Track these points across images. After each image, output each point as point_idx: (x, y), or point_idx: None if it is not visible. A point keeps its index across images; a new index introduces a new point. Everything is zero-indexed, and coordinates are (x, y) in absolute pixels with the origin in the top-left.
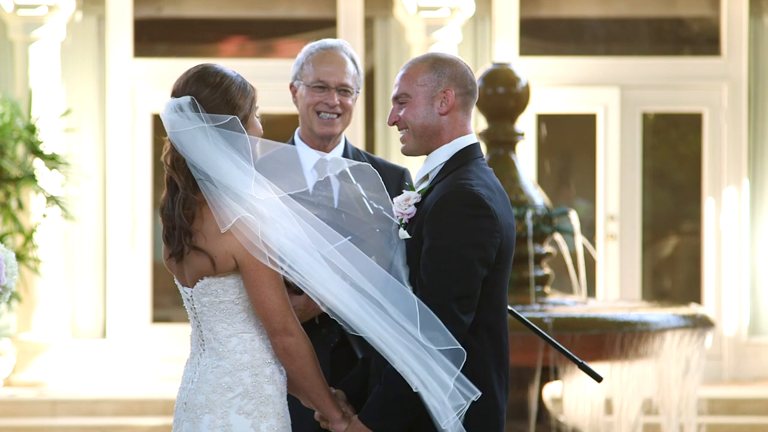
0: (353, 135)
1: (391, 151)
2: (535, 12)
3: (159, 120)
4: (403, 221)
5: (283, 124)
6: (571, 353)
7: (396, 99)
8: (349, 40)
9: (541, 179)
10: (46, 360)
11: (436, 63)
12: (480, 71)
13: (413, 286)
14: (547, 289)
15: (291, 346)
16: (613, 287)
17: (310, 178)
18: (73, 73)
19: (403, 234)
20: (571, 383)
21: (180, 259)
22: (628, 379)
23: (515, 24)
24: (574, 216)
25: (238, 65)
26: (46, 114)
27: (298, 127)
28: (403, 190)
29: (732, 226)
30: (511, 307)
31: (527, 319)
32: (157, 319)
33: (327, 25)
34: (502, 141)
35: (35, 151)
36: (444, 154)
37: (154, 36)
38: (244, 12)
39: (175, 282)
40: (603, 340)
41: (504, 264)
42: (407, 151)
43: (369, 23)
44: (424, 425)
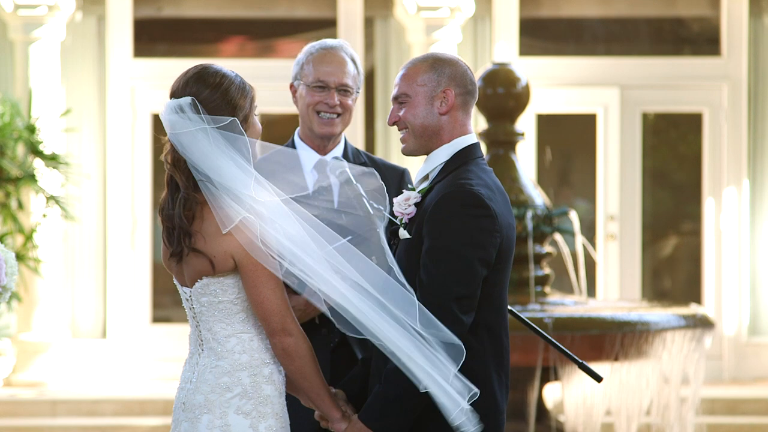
0: (353, 135)
1: (391, 151)
2: (535, 12)
3: (159, 120)
4: (403, 221)
5: (283, 124)
6: (571, 353)
7: (396, 99)
8: (349, 40)
9: (541, 179)
10: (46, 360)
11: (435, 63)
12: (480, 71)
13: (413, 287)
14: (547, 289)
15: (290, 346)
16: (613, 287)
17: (310, 178)
18: (73, 73)
19: (403, 234)
20: (571, 383)
21: (179, 260)
22: (628, 379)
23: (515, 24)
24: (574, 216)
25: (238, 65)
26: (46, 114)
27: (298, 127)
28: (404, 190)
29: (732, 226)
30: (511, 307)
31: (527, 319)
32: (157, 319)
33: (327, 25)
34: (502, 141)
35: (35, 151)
36: (444, 154)
37: (154, 36)
38: (244, 12)
39: (174, 282)
40: (603, 340)
41: (504, 264)
42: (407, 151)
43: (369, 23)
44: (424, 425)
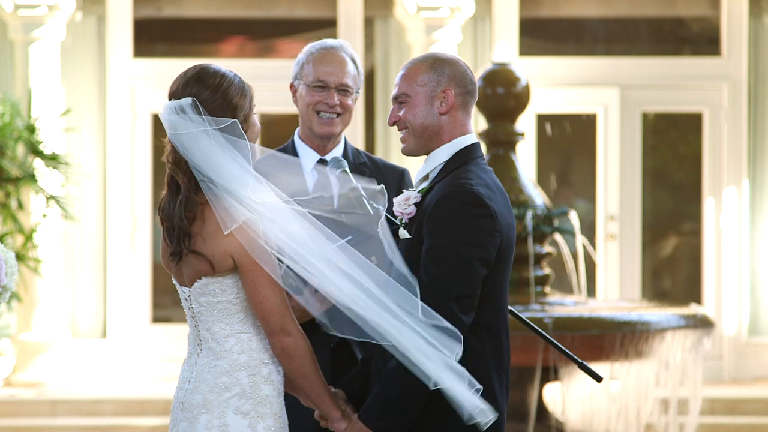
0: (353, 135)
1: (391, 151)
2: (535, 12)
3: (159, 120)
4: (403, 221)
5: (283, 124)
6: (571, 353)
7: (396, 99)
8: (349, 40)
9: (541, 179)
10: (46, 360)
11: (435, 63)
12: (480, 71)
13: None
14: (547, 289)
15: (289, 345)
16: (613, 287)
17: (310, 178)
18: (73, 73)
19: (403, 234)
20: (571, 383)
21: (179, 260)
22: (628, 380)
23: (515, 24)
24: (574, 216)
25: (238, 65)
26: (46, 114)
27: (297, 127)
28: (404, 190)
29: (732, 226)
30: (511, 307)
31: (527, 319)
32: (157, 319)
33: (327, 25)
34: (502, 141)
35: (35, 151)
36: (444, 153)
37: (154, 36)
38: (244, 12)
39: (173, 281)
40: (603, 340)
41: (504, 264)
42: (407, 151)
43: (369, 23)
44: (424, 425)
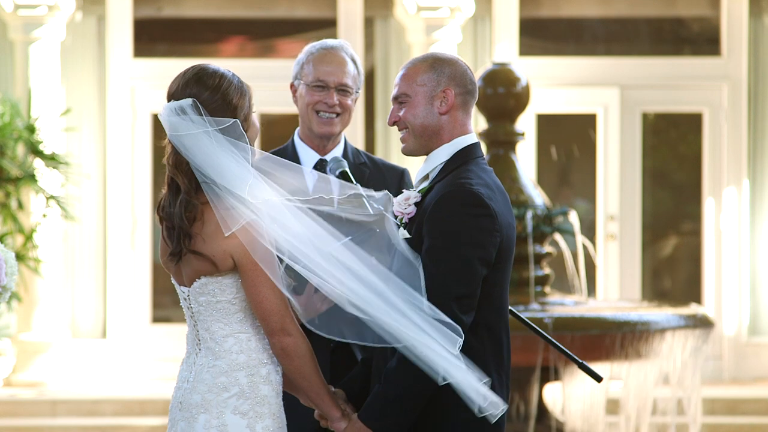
0: (353, 135)
1: (391, 151)
2: (535, 12)
3: (159, 120)
4: (403, 221)
5: (283, 124)
6: (571, 353)
7: (396, 99)
8: (349, 40)
9: (541, 179)
10: (46, 360)
11: (435, 63)
12: (480, 71)
13: None
14: (547, 289)
15: (289, 345)
16: (613, 287)
17: (310, 178)
18: (73, 73)
19: (403, 234)
20: (571, 383)
21: (178, 259)
22: (628, 380)
23: (515, 24)
24: (574, 216)
25: (238, 65)
26: (46, 114)
27: (297, 127)
28: (404, 190)
29: (732, 226)
30: (511, 307)
31: (527, 319)
32: (157, 319)
33: (327, 25)
34: (502, 141)
35: (35, 151)
36: (444, 153)
37: (154, 36)
38: (244, 12)
39: (172, 281)
40: (603, 340)
41: (504, 263)
42: (407, 151)
43: (369, 23)
44: (424, 425)
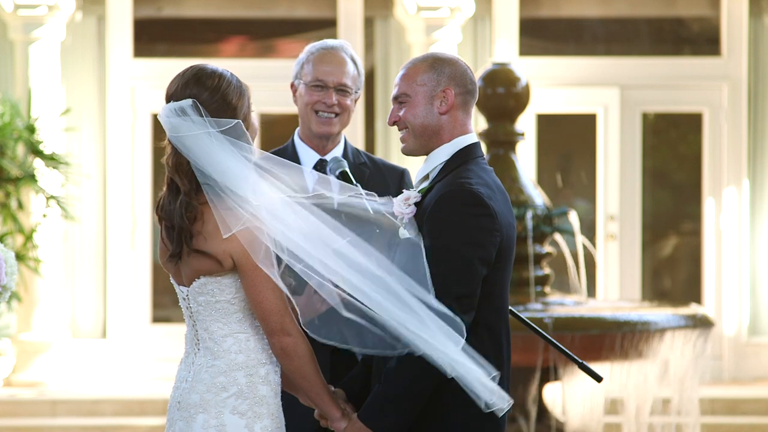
0: (353, 135)
1: (391, 151)
2: (535, 12)
3: (159, 120)
4: (403, 221)
5: (283, 124)
6: (571, 353)
7: (396, 99)
8: (349, 40)
9: (541, 179)
10: (46, 360)
11: (435, 62)
12: (480, 71)
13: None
14: (547, 289)
15: (289, 346)
16: (613, 287)
17: (310, 179)
18: (73, 73)
19: (403, 234)
20: (571, 383)
21: (178, 260)
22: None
23: (515, 24)
24: (574, 216)
25: (238, 65)
26: (45, 114)
27: (298, 127)
28: (404, 190)
29: (732, 226)
30: (511, 307)
31: (527, 319)
32: (157, 319)
33: (327, 25)
34: (502, 141)
35: (35, 151)
36: (444, 153)
37: (154, 36)
38: (244, 12)
39: (171, 281)
40: (603, 340)
41: (504, 263)
42: (407, 151)
43: (369, 23)
44: (424, 425)
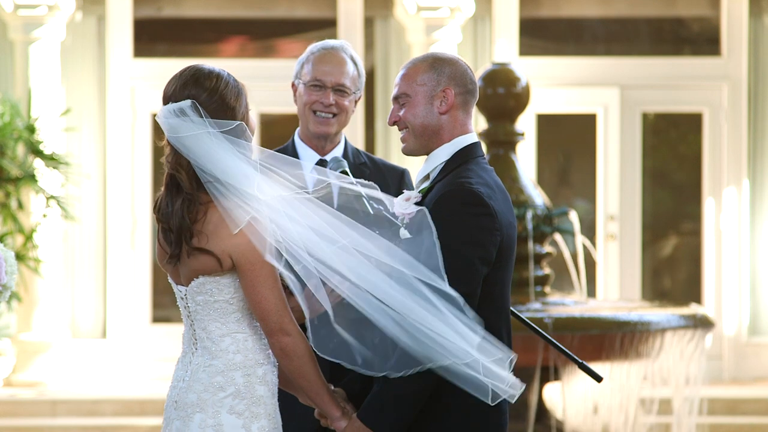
0: (353, 135)
1: (391, 151)
2: (535, 12)
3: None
4: (404, 221)
5: (283, 124)
6: (571, 353)
7: (396, 99)
8: (349, 40)
9: (541, 179)
10: (46, 360)
11: (435, 62)
12: (480, 71)
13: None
14: (547, 289)
15: (288, 345)
16: (613, 287)
17: (310, 178)
18: (73, 73)
19: (404, 234)
20: (571, 383)
21: (177, 260)
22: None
23: (515, 24)
24: (574, 216)
25: (238, 65)
26: (46, 114)
27: (298, 127)
28: (404, 190)
29: (732, 226)
30: (511, 307)
31: (527, 319)
32: (157, 319)
33: (327, 25)
34: (502, 141)
35: (35, 151)
36: (444, 153)
37: (154, 36)
38: (244, 12)
39: (169, 280)
40: (603, 340)
41: (505, 263)
42: (408, 151)
43: (369, 23)
44: (424, 425)
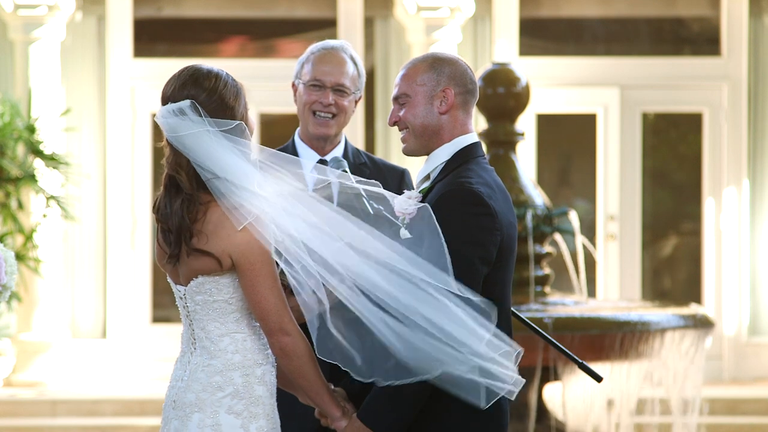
0: (353, 135)
1: (391, 151)
2: (535, 12)
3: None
4: (404, 221)
5: (283, 124)
6: (571, 353)
7: (396, 99)
8: (349, 40)
9: (541, 179)
10: (46, 360)
11: (435, 62)
12: (480, 71)
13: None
14: (547, 289)
15: (288, 345)
16: (613, 287)
17: (310, 178)
18: (73, 73)
19: (404, 234)
20: (571, 383)
21: (176, 261)
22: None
23: (515, 24)
24: (574, 216)
25: (238, 65)
26: (46, 114)
27: (298, 128)
28: (404, 191)
29: (732, 226)
30: (511, 307)
31: (527, 319)
32: (157, 319)
33: (327, 25)
34: (502, 141)
35: (35, 151)
36: (445, 153)
37: (154, 36)
38: (244, 12)
39: (168, 280)
40: (603, 340)
41: (505, 262)
42: (408, 151)
43: (369, 23)
44: (424, 425)
